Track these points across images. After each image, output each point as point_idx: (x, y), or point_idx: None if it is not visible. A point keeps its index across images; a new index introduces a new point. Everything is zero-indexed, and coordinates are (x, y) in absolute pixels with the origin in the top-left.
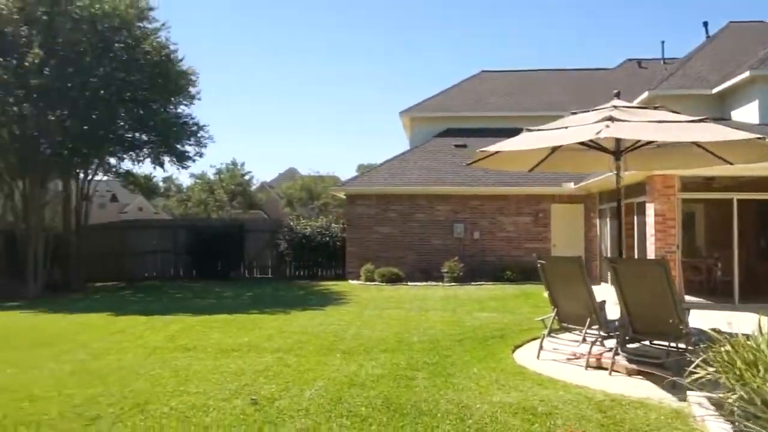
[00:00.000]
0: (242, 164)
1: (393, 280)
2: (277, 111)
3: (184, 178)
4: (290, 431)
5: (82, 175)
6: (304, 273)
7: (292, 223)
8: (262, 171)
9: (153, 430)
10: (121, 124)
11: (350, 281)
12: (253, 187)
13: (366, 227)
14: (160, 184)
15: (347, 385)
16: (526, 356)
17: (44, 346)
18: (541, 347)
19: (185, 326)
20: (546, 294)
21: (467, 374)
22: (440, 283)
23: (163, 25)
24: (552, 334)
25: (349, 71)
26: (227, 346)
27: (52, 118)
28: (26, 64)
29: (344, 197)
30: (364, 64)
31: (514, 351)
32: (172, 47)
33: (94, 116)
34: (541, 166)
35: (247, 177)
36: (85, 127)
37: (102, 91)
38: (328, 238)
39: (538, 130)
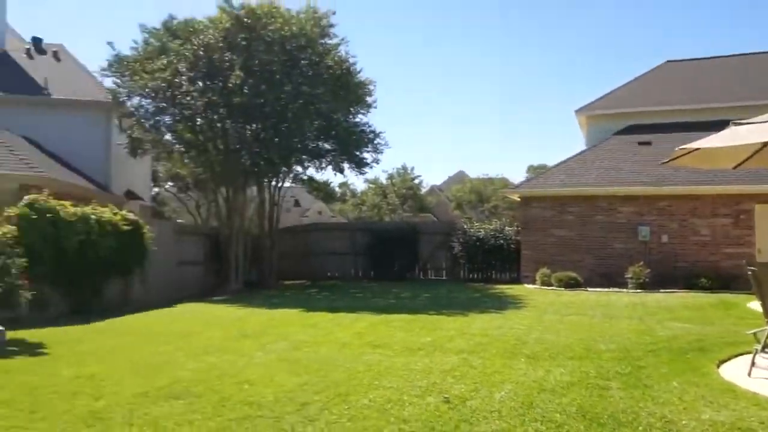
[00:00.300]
0: (412, 168)
1: (571, 284)
2: (446, 114)
3: (358, 183)
4: (486, 431)
5: (273, 182)
6: (478, 275)
7: (465, 226)
8: (431, 175)
9: (357, 419)
10: (307, 134)
11: (525, 285)
12: (423, 191)
13: (541, 230)
14: (337, 189)
15: (536, 390)
16: (734, 372)
17: (250, 336)
18: (753, 363)
19: (369, 324)
20: (752, 304)
21: (666, 387)
22: (623, 290)
23: (342, 40)
24: (766, 350)
25: (517, 71)
26: (412, 345)
27: (249, 131)
28: (230, 85)
29: (518, 199)
30: (533, 63)
31: (718, 366)
32: (351, 60)
33: (283, 128)
34: (749, 163)
35: (416, 181)
36: (276, 139)
37: (290, 105)
38: (501, 241)
39: (748, 123)
